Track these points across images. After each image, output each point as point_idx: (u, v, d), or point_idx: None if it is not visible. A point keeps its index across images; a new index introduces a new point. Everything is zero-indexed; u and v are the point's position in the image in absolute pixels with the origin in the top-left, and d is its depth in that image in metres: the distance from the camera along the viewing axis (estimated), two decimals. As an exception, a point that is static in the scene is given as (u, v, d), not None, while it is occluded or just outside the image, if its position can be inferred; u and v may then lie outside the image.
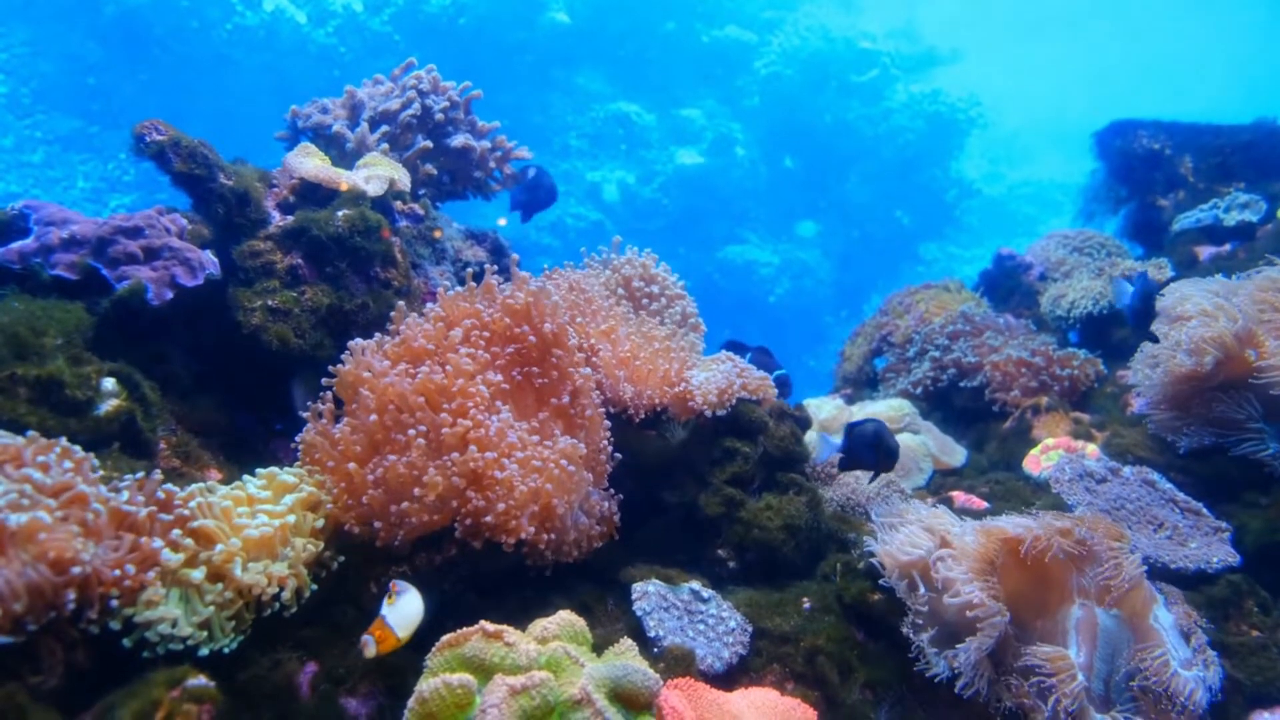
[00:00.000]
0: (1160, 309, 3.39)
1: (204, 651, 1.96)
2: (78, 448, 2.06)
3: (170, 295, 2.77)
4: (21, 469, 1.86)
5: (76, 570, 1.78)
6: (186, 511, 2.12)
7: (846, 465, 2.98)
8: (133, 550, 1.92)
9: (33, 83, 14.95)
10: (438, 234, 3.67)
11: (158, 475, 2.15)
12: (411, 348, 2.60)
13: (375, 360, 2.55)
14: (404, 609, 2.04)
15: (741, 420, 3.04)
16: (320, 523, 2.34)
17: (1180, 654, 2.18)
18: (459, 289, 2.84)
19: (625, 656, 1.99)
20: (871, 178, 18.67)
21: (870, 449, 2.85)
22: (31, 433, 2.01)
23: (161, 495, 2.10)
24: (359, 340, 2.65)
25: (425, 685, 1.77)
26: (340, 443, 2.44)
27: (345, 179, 3.27)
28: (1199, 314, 3.16)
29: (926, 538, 2.42)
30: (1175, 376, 3.16)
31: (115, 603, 1.87)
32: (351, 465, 2.37)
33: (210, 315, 2.94)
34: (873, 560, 2.50)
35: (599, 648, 2.07)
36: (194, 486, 2.27)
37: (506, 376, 2.64)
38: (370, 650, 1.98)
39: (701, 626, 2.41)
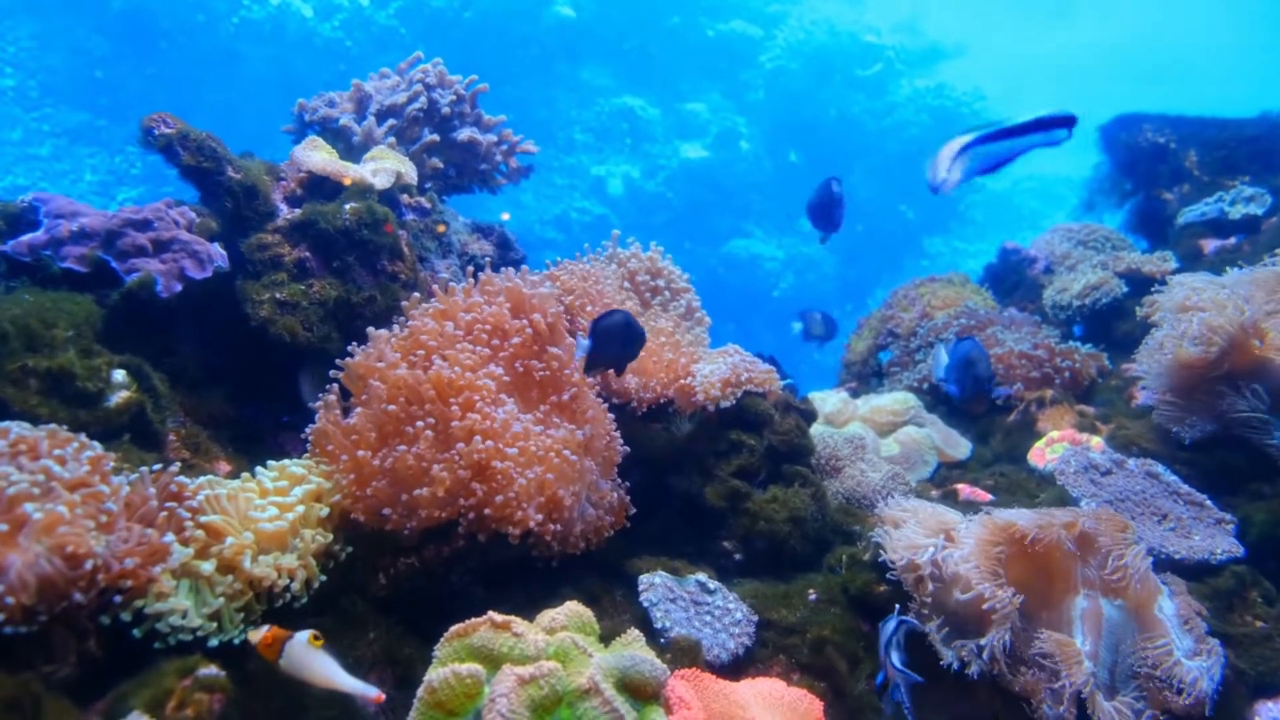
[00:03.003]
0: (1166, 300, 3.40)
1: (214, 642, 1.98)
2: (96, 444, 2.07)
3: (179, 288, 2.79)
4: (38, 460, 1.88)
5: (90, 564, 1.79)
6: (196, 503, 2.14)
7: (591, 365, 2.72)
8: (144, 544, 1.94)
9: (40, 76, 14.99)
10: (441, 228, 3.68)
11: (174, 468, 2.17)
12: (419, 340, 2.62)
13: (388, 352, 2.56)
14: (309, 659, 1.83)
15: (747, 413, 3.05)
16: (325, 511, 2.35)
17: (1184, 644, 2.19)
18: (464, 283, 2.85)
19: (632, 647, 2.01)
20: (876, 172, 18.65)
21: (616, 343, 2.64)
22: (53, 426, 2.03)
23: (174, 488, 2.12)
24: (382, 330, 2.67)
25: (434, 675, 1.78)
26: (351, 432, 2.46)
27: (352, 172, 3.28)
28: (1209, 303, 3.16)
29: (933, 532, 2.44)
30: (1180, 364, 3.16)
31: (123, 597, 1.88)
32: (362, 454, 2.39)
33: (219, 308, 2.95)
34: (881, 556, 2.51)
35: (606, 638, 2.08)
36: (203, 479, 2.29)
37: (508, 369, 2.65)
38: (254, 638, 1.87)
39: (708, 618, 2.43)
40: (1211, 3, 28.61)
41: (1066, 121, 1.80)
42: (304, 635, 1.85)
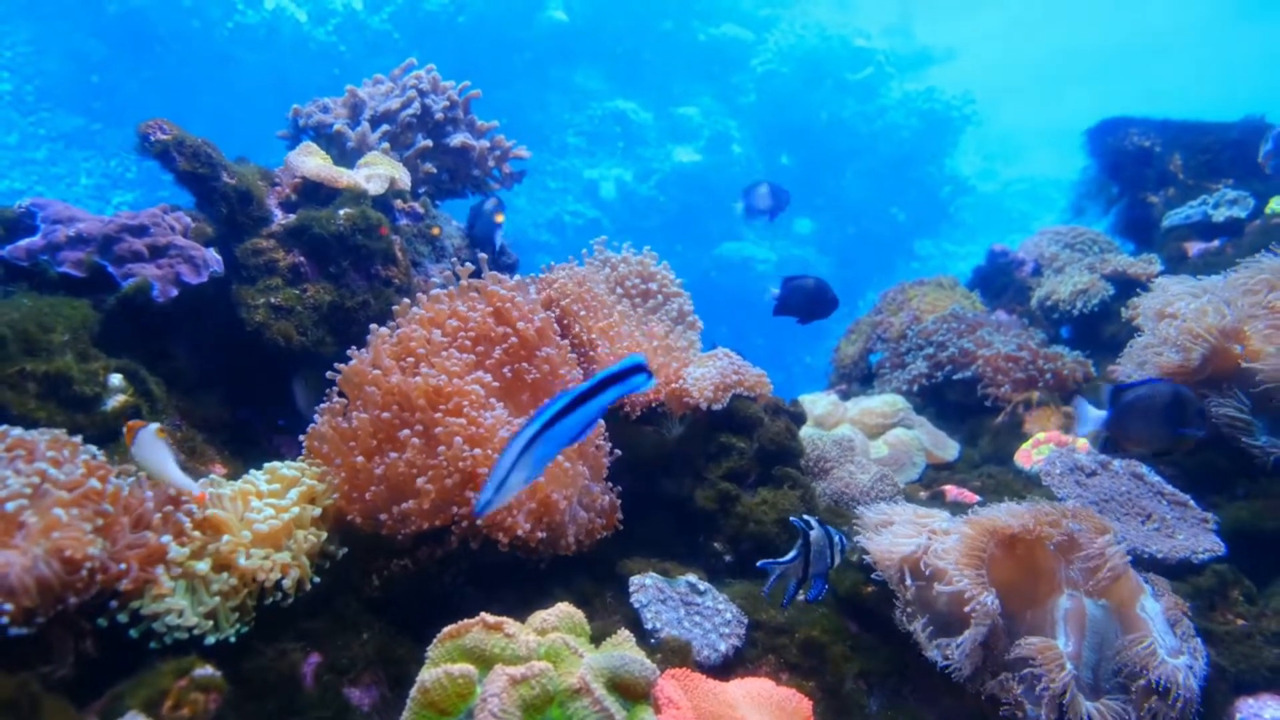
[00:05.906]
0: (1146, 305, 3.43)
1: (210, 640, 2.00)
2: (94, 448, 2.10)
3: (175, 293, 2.81)
4: (34, 463, 1.90)
5: (87, 567, 1.82)
6: (194, 506, 2.16)
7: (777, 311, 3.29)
8: (141, 546, 1.96)
9: (36, 80, 14.97)
10: (435, 232, 3.71)
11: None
12: (409, 347, 2.64)
13: (384, 357, 2.59)
14: (151, 448, 2.07)
15: (737, 416, 3.08)
16: (317, 511, 2.37)
17: (1167, 643, 2.22)
18: (450, 288, 2.87)
19: (623, 647, 2.03)
20: (867, 175, 18.71)
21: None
22: (59, 432, 2.06)
23: (172, 491, 2.14)
24: (382, 329, 2.69)
25: (427, 675, 1.81)
26: (348, 437, 2.48)
27: (346, 177, 3.30)
28: (1189, 312, 3.20)
29: (917, 531, 2.47)
30: (1163, 372, 3.20)
31: (120, 598, 1.91)
32: (359, 459, 2.41)
33: (214, 312, 2.98)
34: (865, 556, 2.54)
35: (597, 639, 2.11)
36: (203, 480, 2.31)
37: (496, 374, 2.68)
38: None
39: (698, 618, 2.45)
40: (1201, 7, 28.69)
41: (641, 368, 1.67)
42: (154, 426, 2.07)
